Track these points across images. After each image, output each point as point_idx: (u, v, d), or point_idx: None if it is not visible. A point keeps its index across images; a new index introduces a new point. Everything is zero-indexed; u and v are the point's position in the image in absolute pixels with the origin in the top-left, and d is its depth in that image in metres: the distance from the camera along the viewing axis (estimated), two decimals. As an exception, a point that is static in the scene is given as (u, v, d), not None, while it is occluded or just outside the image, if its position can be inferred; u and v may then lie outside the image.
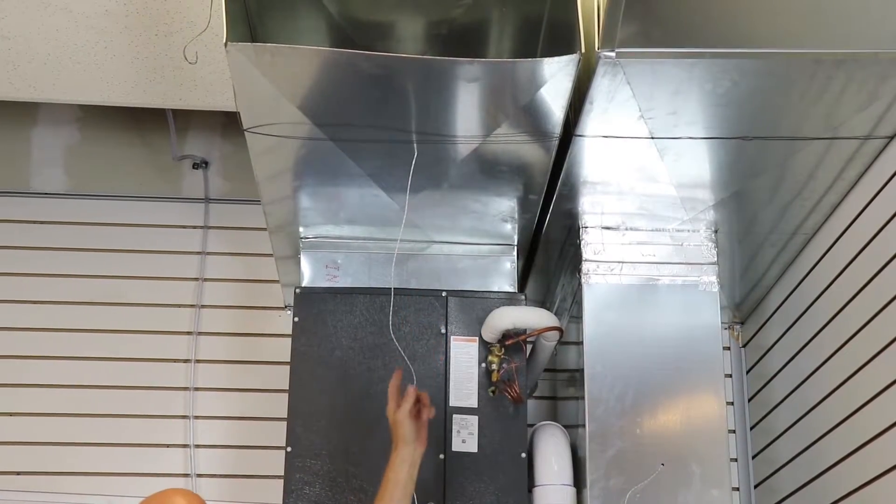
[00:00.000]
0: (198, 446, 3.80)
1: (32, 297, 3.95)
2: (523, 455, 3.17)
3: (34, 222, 4.05)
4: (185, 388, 3.87)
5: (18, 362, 3.88)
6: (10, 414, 3.82)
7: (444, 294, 3.30)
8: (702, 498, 3.02)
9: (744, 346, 3.87)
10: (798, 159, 2.89)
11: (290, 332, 3.27)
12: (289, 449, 3.14)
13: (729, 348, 3.86)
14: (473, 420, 3.19)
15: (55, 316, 3.93)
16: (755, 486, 3.69)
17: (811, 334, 3.28)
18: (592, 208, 3.20)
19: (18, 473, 3.76)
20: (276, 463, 3.19)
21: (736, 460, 3.72)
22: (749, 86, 2.58)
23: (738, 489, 3.68)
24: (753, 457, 3.73)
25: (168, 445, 3.81)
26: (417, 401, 2.79)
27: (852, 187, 3.01)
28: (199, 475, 3.76)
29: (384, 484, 2.73)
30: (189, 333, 3.94)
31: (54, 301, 3.94)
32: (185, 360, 3.91)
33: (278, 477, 3.15)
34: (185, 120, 4.09)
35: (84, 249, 4.01)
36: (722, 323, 3.23)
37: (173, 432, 3.83)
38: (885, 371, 2.80)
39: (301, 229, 3.35)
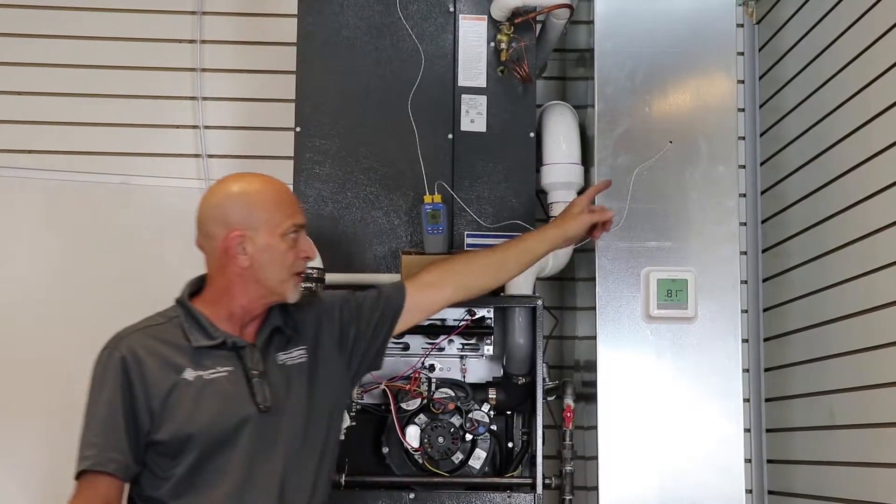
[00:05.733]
0: (207, 127, 3.82)
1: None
2: (532, 134, 3.19)
3: None
4: (192, 70, 3.84)
5: (27, 41, 3.84)
6: (20, 93, 3.83)
7: (451, -30, 3.22)
8: (708, 174, 3.05)
9: (757, 22, 3.80)
10: None
11: (296, 11, 3.21)
12: (298, 129, 3.16)
13: (742, 25, 3.79)
14: (482, 100, 3.18)
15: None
16: (761, 164, 3.73)
17: (828, 7, 3.21)
18: None
19: (31, 152, 3.80)
20: (286, 143, 3.21)
21: (743, 138, 3.74)
22: None
23: (744, 167, 3.72)
24: (761, 135, 3.75)
25: (178, 126, 3.84)
26: None
27: None
28: (210, 156, 3.81)
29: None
30: (193, 13, 3.87)
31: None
32: (191, 41, 3.86)
33: (288, 157, 3.18)
34: None
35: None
36: (736, -1, 3.16)
37: (183, 113, 3.84)
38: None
39: None
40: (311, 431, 2.51)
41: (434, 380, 3.01)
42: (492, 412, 3.00)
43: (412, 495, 2.96)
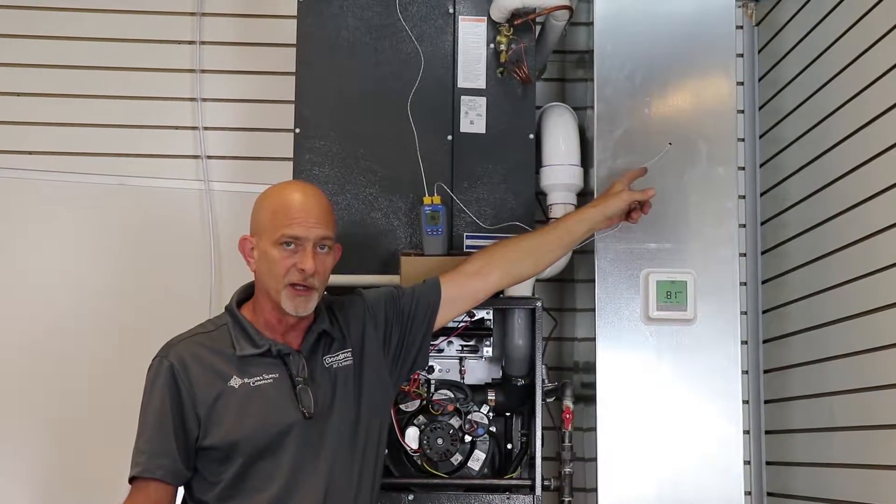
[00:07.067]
0: (207, 128, 3.81)
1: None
2: (531, 136, 3.18)
3: None
4: (192, 71, 3.84)
5: (26, 41, 3.84)
6: (19, 93, 3.82)
7: (451, -28, 3.22)
8: (708, 176, 3.05)
9: (757, 24, 3.80)
10: None
11: (295, 12, 3.21)
12: (297, 130, 3.16)
13: (742, 27, 3.79)
14: (482, 101, 3.18)
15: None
16: (761, 165, 3.73)
17: (828, 9, 3.21)
18: None
19: (31, 152, 3.80)
20: (285, 145, 3.21)
21: (743, 140, 3.74)
22: None
23: (743, 168, 3.72)
24: (760, 136, 3.74)
25: (178, 128, 3.83)
26: None
27: None
28: (210, 157, 3.80)
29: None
30: (193, 14, 3.87)
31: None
32: (191, 42, 3.86)
33: (288, 159, 3.18)
34: None
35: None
36: (736, 0, 3.15)
37: (182, 114, 3.84)
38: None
39: None
40: (356, 434, 2.55)
41: (433, 381, 3.01)
42: (491, 414, 3.00)
43: (411, 497, 2.96)
